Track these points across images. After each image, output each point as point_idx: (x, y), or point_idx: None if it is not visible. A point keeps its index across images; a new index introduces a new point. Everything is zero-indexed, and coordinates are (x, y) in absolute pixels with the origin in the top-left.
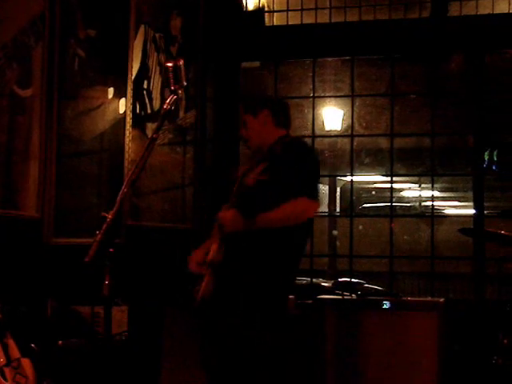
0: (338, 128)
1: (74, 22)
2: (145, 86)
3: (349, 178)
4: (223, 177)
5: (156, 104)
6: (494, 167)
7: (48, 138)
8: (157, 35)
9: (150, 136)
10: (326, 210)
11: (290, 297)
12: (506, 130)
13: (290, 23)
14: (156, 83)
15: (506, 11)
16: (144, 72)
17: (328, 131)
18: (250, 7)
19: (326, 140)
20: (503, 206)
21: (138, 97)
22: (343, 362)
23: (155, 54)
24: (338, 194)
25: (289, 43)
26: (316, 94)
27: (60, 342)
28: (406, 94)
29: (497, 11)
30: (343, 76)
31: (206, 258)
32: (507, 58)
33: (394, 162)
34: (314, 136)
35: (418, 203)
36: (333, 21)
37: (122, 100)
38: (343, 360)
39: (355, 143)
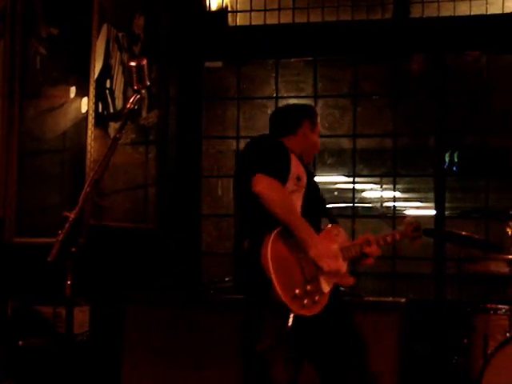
0: None
1: (35, 20)
2: (107, 86)
3: None
4: (186, 176)
5: (119, 103)
6: (454, 168)
7: (9, 137)
8: (120, 34)
9: (112, 135)
10: None
11: None
12: (466, 130)
13: (253, 23)
14: (119, 82)
15: (467, 13)
16: (106, 71)
17: None
18: (213, 7)
19: None
20: (464, 207)
21: (100, 96)
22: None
23: (118, 53)
24: None
25: (252, 43)
26: (279, 95)
27: (21, 342)
28: (368, 94)
29: (458, 13)
30: (306, 77)
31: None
32: (468, 59)
33: (357, 163)
34: None
35: (379, 204)
36: (296, 21)
37: (85, 99)
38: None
39: None
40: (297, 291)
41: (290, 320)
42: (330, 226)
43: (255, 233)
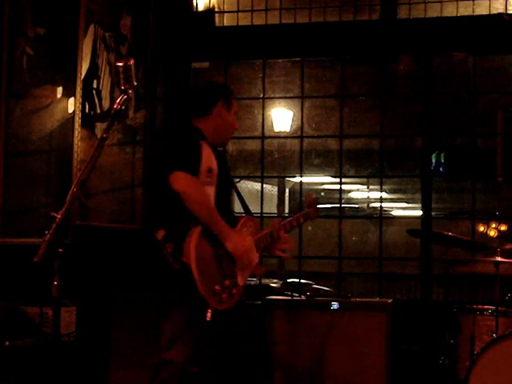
0: (288, 129)
1: (22, 21)
2: (94, 86)
3: (298, 179)
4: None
5: (105, 104)
6: (441, 169)
7: None
8: (106, 34)
9: (99, 136)
10: (275, 211)
11: None
12: (454, 131)
13: (240, 24)
14: (106, 83)
15: (454, 14)
16: (93, 71)
17: (277, 132)
18: (201, 7)
19: (276, 141)
20: (450, 208)
21: (87, 96)
22: (291, 363)
23: (105, 53)
24: (286, 195)
25: (239, 44)
26: (266, 95)
27: (7, 342)
28: (355, 95)
29: (445, 14)
30: (293, 77)
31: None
32: (455, 60)
33: (343, 164)
34: (263, 137)
35: (366, 204)
36: (283, 22)
37: (71, 99)
38: (291, 360)
39: (304, 144)
40: (216, 287)
41: (209, 315)
42: (244, 217)
43: (173, 226)
